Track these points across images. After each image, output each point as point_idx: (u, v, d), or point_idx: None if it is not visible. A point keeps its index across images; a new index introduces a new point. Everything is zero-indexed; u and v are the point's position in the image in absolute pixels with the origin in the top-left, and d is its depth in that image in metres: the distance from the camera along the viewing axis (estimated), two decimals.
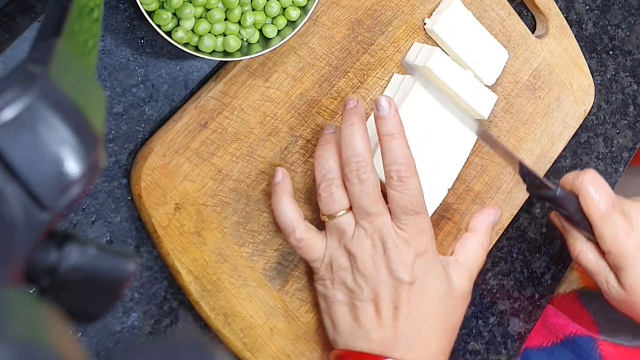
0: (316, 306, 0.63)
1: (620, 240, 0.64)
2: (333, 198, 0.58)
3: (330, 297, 0.59)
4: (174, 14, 0.55)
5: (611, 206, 0.64)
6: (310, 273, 0.63)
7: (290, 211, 0.58)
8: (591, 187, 0.64)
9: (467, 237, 0.64)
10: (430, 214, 0.64)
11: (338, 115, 0.64)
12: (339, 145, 0.59)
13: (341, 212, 0.58)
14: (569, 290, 0.79)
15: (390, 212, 0.58)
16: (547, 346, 0.74)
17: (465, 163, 0.67)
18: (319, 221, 0.61)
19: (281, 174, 0.59)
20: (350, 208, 0.58)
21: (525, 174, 0.64)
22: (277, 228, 0.61)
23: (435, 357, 0.58)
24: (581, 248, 0.67)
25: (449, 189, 0.65)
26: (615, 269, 0.66)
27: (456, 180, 0.66)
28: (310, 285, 0.63)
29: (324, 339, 0.63)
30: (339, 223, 0.58)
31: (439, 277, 0.59)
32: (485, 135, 0.64)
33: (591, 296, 0.76)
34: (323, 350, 0.64)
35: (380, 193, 0.58)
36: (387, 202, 0.59)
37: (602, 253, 0.66)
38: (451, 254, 0.63)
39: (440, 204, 0.65)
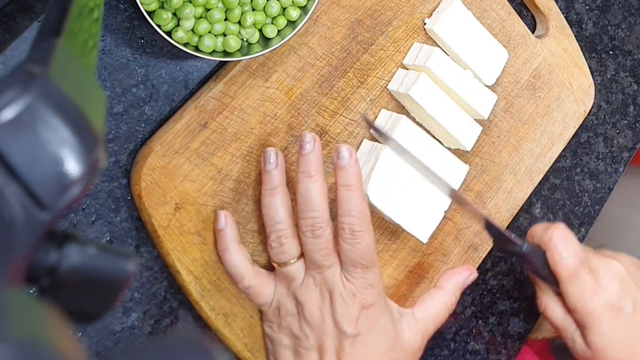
0: None
1: (585, 300, 0.63)
2: (283, 249, 0.58)
3: (276, 340, 0.60)
4: (174, 14, 0.55)
5: (578, 264, 0.63)
6: None
7: (237, 260, 0.58)
8: (559, 243, 0.63)
9: (432, 292, 0.63)
10: (427, 237, 0.64)
11: (338, 115, 0.64)
12: (285, 190, 0.58)
13: (292, 261, 0.58)
14: (541, 337, 0.79)
15: (340, 263, 0.58)
16: None
17: (461, 185, 0.67)
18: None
19: (224, 220, 0.58)
20: (301, 256, 0.58)
21: (491, 229, 0.63)
22: None
23: None
24: (548, 302, 0.66)
25: (445, 211, 0.65)
26: (581, 327, 0.65)
27: None
28: None
29: None
30: (289, 271, 0.58)
31: (385, 331, 0.59)
32: (457, 197, 0.64)
33: (561, 347, 0.76)
34: None
35: (333, 246, 0.58)
36: None
37: (569, 309, 0.65)
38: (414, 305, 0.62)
39: (437, 227, 0.65)
